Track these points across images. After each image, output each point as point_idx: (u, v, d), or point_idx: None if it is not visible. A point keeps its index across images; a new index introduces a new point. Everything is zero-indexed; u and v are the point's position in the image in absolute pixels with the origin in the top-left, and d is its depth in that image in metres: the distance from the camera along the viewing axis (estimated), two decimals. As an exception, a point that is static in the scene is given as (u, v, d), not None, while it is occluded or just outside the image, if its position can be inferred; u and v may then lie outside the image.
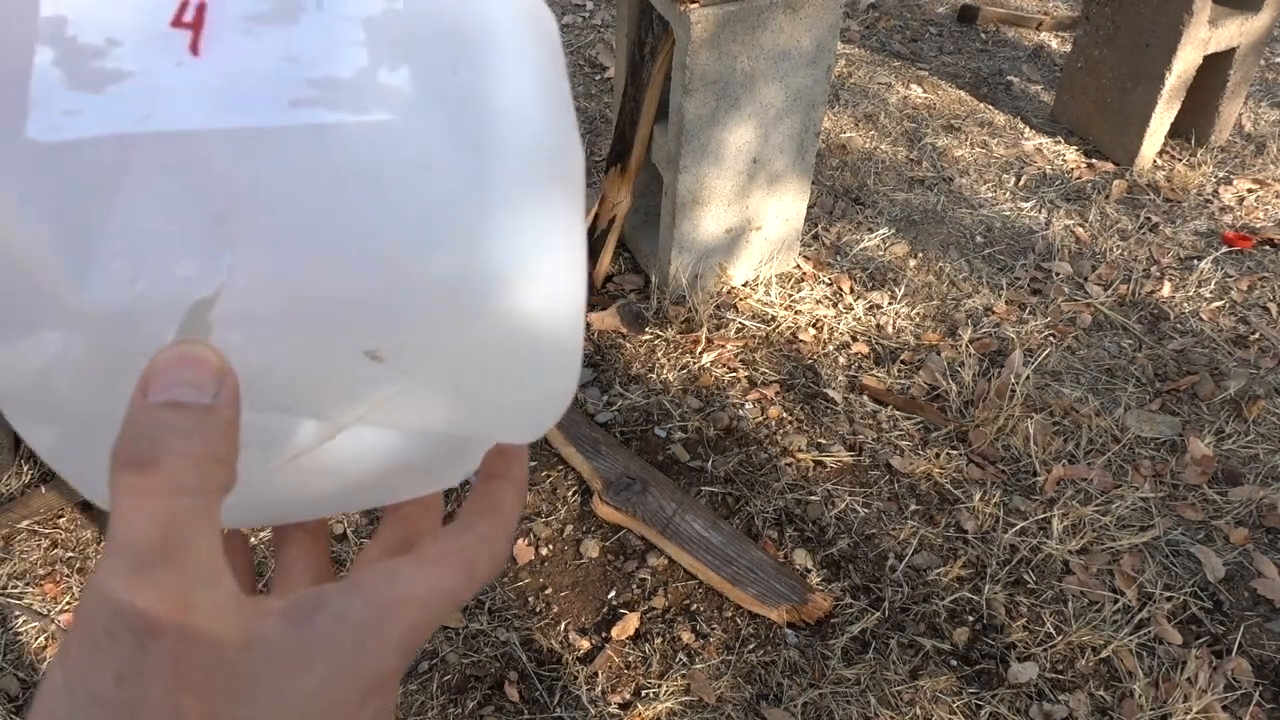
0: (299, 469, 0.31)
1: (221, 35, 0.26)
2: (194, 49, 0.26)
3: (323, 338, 0.28)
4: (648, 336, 2.37)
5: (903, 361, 2.35)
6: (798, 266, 2.61)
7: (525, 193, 0.29)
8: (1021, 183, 3.02)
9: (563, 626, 1.79)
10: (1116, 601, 1.86)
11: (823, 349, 2.38)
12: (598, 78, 3.43)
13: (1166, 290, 2.62)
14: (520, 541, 1.92)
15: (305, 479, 0.32)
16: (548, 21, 0.32)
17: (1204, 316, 2.54)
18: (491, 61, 0.29)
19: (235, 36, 0.27)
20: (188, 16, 0.26)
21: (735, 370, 2.31)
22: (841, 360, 2.35)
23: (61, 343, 0.27)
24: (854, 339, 2.41)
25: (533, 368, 0.32)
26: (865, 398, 2.25)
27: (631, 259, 2.58)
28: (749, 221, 2.41)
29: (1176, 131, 3.13)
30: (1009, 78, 3.59)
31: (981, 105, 3.41)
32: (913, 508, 2.02)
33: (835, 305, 2.51)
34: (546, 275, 0.30)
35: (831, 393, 2.26)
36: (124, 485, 0.23)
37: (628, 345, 2.35)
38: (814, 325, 2.45)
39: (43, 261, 0.26)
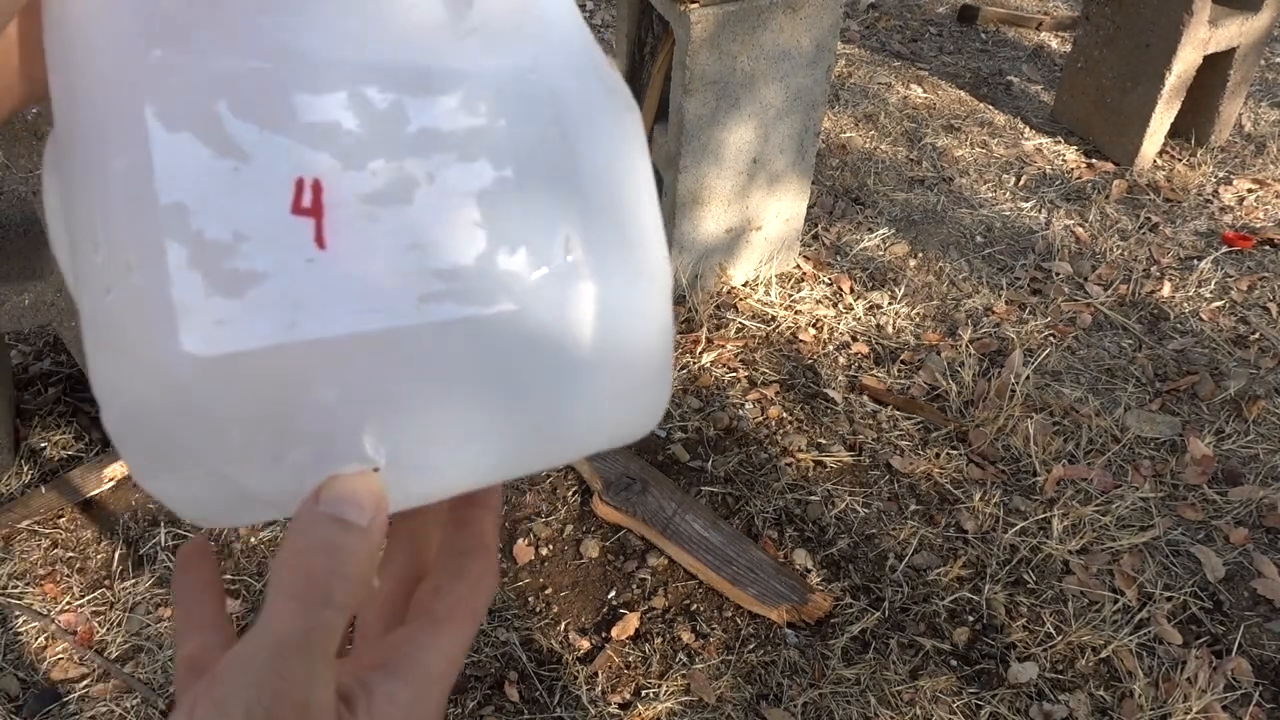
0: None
1: (343, 221, 0.27)
2: (319, 241, 0.27)
3: (458, 483, 0.32)
4: (648, 336, 2.37)
5: (903, 361, 2.35)
6: (798, 266, 2.61)
7: (629, 359, 0.33)
8: (1021, 183, 3.02)
9: (563, 626, 1.79)
10: (1116, 601, 1.86)
11: (823, 349, 2.38)
12: (598, 78, 3.42)
13: (1166, 290, 2.62)
14: (520, 541, 1.92)
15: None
16: (634, 114, 0.33)
17: (1204, 316, 2.54)
18: (595, 234, 0.31)
19: (356, 222, 0.27)
20: (306, 201, 0.27)
21: (735, 370, 2.31)
22: (841, 360, 2.35)
23: (229, 484, 0.30)
24: (854, 339, 2.41)
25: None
26: (865, 398, 2.25)
27: (631, 259, 2.58)
28: (749, 221, 2.41)
29: (1176, 131, 3.13)
30: (1009, 78, 3.59)
31: (981, 105, 3.41)
32: (913, 508, 2.02)
33: (835, 305, 2.51)
34: (643, 406, 0.35)
35: (831, 393, 2.26)
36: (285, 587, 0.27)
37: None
38: (814, 325, 2.45)
39: (214, 453, 0.28)
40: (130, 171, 0.26)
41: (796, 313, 2.47)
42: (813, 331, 2.43)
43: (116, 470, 1.96)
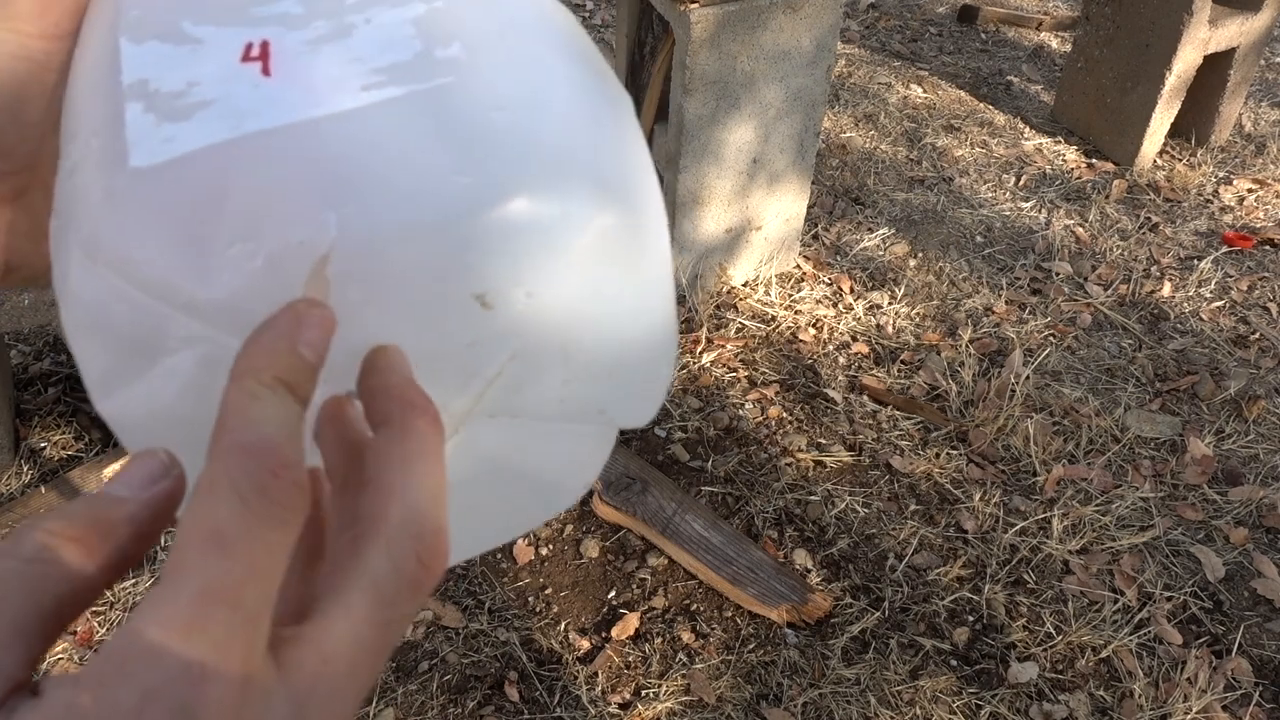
0: None
1: (287, 58, 0.29)
2: (265, 72, 0.29)
3: (431, 279, 0.29)
4: (648, 336, 2.37)
5: (903, 361, 2.35)
6: (798, 266, 2.61)
7: (592, 120, 0.31)
8: (1021, 183, 3.02)
9: (563, 626, 1.79)
10: (1116, 601, 1.86)
11: (823, 349, 2.38)
12: (598, 78, 3.43)
13: (1166, 290, 2.62)
14: (520, 541, 1.92)
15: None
16: (566, 12, 0.35)
17: (1204, 316, 2.54)
18: (529, 33, 0.32)
19: (300, 57, 0.29)
20: (254, 52, 0.29)
21: (735, 370, 2.31)
22: (841, 360, 2.35)
23: (192, 359, 0.28)
24: (854, 339, 2.41)
25: (631, 319, 0.33)
26: (865, 398, 2.25)
27: (631, 259, 2.58)
28: (749, 221, 2.41)
29: (1176, 131, 3.13)
30: (1009, 78, 3.59)
31: (981, 105, 3.41)
32: (913, 508, 2.02)
33: (835, 305, 2.51)
34: (626, 199, 0.31)
35: (831, 393, 2.26)
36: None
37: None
38: (814, 325, 2.45)
39: (167, 274, 0.27)
40: (103, 81, 0.28)
41: (796, 313, 2.47)
42: (813, 331, 2.43)
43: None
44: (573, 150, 0.30)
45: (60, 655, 1.70)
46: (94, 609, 1.78)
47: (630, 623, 1.78)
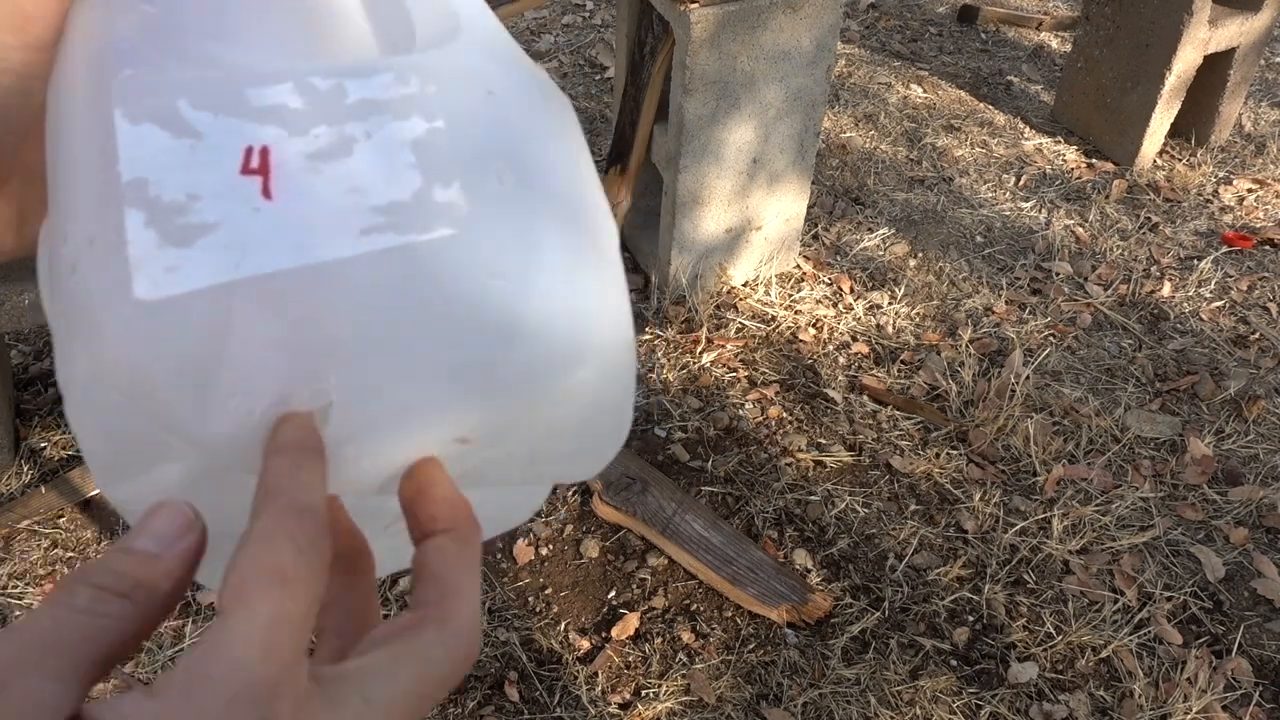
0: (391, 533, 0.35)
1: (288, 176, 0.29)
2: (266, 193, 0.29)
3: (420, 435, 0.31)
4: (647, 336, 2.37)
5: (903, 361, 2.35)
6: (798, 266, 2.61)
7: (578, 277, 0.33)
8: (1021, 183, 3.02)
9: (563, 626, 1.79)
10: (1116, 601, 1.86)
11: (823, 349, 2.38)
12: (598, 78, 3.43)
13: (1166, 290, 2.62)
14: (520, 541, 1.92)
15: (396, 540, 0.35)
16: (567, 110, 0.36)
17: (1204, 316, 2.54)
18: (528, 163, 0.32)
19: (300, 175, 0.29)
20: (254, 163, 0.29)
21: (735, 370, 2.31)
22: (841, 360, 2.35)
23: (188, 468, 0.30)
24: (854, 339, 2.41)
25: (596, 422, 0.36)
26: (865, 398, 2.25)
27: (631, 259, 2.59)
28: (749, 221, 2.41)
29: (1176, 131, 3.13)
30: (1009, 78, 3.59)
31: (981, 105, 3.41)
32: (913, 508, 2.02)
33: (835, 305, 2.51)
34: (603, 341, 0.34)
35: (831, 393, 2.26)
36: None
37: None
38: (814, 325, 2.45)
39: (169, 409, 0.29)
40: (97, 162, 0.29)
41: (796, 313, 2.47)
42: (813, 331, 2.43)
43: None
44: (560, 314, 0.32)
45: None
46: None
47: (630, 623, 1.78)
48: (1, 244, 0.34)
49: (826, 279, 2.59)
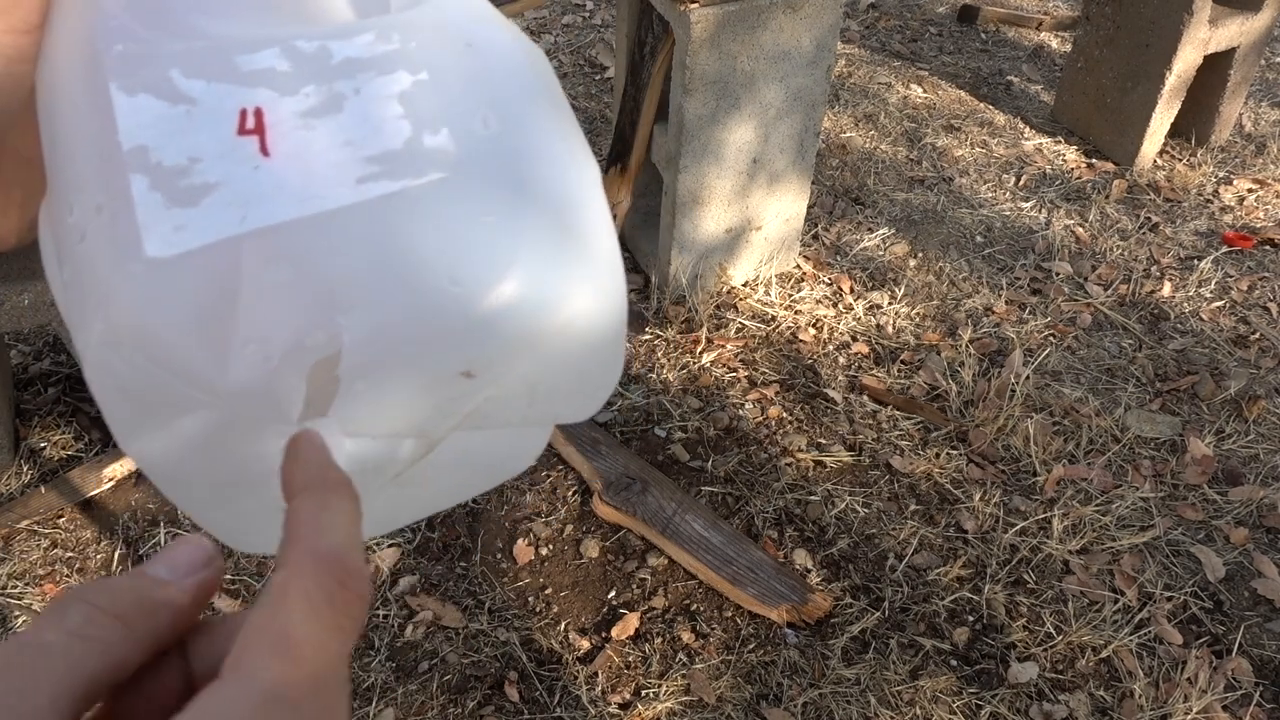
0: (399, 482, 0.37)
1: (283, 134, 0.31)
2: (264, 151, 0.30)
3: (426, 370, 0.33)
4: (647, 336, 2.37)
5: (903, 361, 2.35)
6: (798, 266, 2.61)
7: (565, 211, 0.34)
8: (1021, 183, 3.02)
9: (563, 626, 1.79)
10: (1116, 601, 1.86)
11: (823, 349, 2.38)
12: (598, 78, 3.43)
13: (1166, 290, 2.62)
14: (520, 541, 1.92)
15: (403, 491, 0.37)
16: (542, 60, 0.37)
17: (1204, 316, 2.54)
18: (509, 107, 0.34)
19: (295, 133, 0.31)
20: (250, 124, 0.30)
21: (735, 370, 2.31)
22: (841, 360, 2.35)
23: (207, 419, 0.31)
24: (854, 339, 2.41)
25: (591, 358, 0.37)
26: (865, 398, 2.25)
27: (631, 259, 2.58)
28: (749, 221, 2.41)
29: (1176, 131, 3.13)
30: (1009, 78, 3.59)
31: (981, 105, 3.41)
32: (913, 508, 2.02)
33: (835, 305, 2.51)
34: (594, 273, 0.35)
35: (831, 393, 2.26)
36: None
37: (627, 345, 2.35)
38: (814, 325, 2.45)
39: (186, 361, 0.30)
40: (97, 134, 0.30)
41: (796, 313, 2.47)
42: (813, 331, 2.43)
43: (116, 470, 1.96)
44: (550, 246, 0.34)
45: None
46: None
47: (630, 623, 1.78)
48: (3, 234, 0.34)
49: (826, 279, 2.59)
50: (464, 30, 0.35)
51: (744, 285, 2.53)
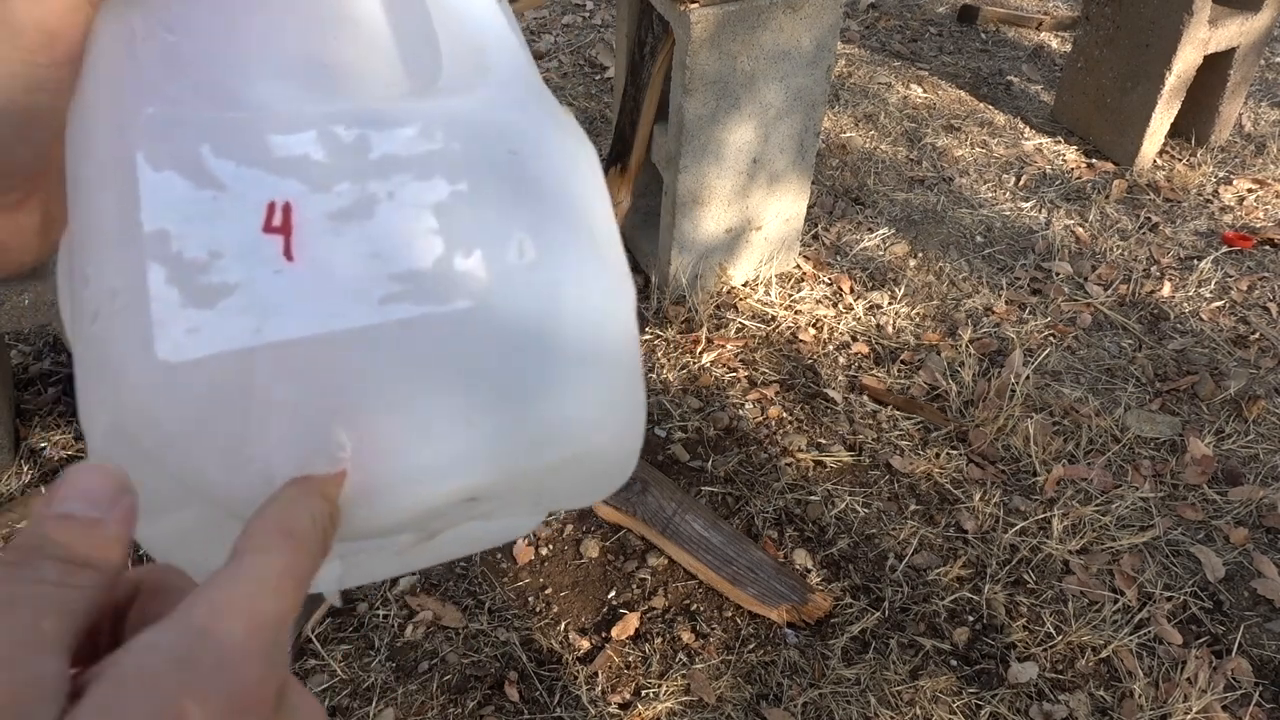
0: (397, 556, 0.37)
1: (309, 236, 0.29)
2: (288, 254, 0.29)
3: (430, 501, 0.31)
4: (647, 336, 2.37)
5: (903, 361, 2.35)
6: (798, 266, 2.61)
7: (596, 349, 0.33)
8: (1021, 183, 3.02)
9: (563, 626, 1.79)
10: (1116, 601, 1.86)
11: (823, 349, 2.38)
12: (598, 78, 3.43)
13: (1166, 290, 2.62)
14: (520, 541, 1.92)
15: (402, 557, 0.37)
16: (587, 159, 0.35)
17: (1204, 316, 2.54)
18: (548, 236, 0.32)
19: (322, 237, 0.29)
20: (276, 220, 0.29)
21: (735, 370, 2.31)
22: (841, 360, 2.35)
23: (200, 516, 0.31)
24: (854, 339, 2.41)
25: (604, 467, 0.37)
26: (865, 398, 2.25)
27: (631, 259, 2.59)
28: (749, 221, 2.41)
29: (1176, 131, 3.13)
30: (1009, 78, 3.59)
31: (981, 105, 3.41)
32: (913, 508, 2.02)
33: (835, 305, 2.51)
34: (619, 408, 0.35)
35: (831, 393, 2.26)
36: None
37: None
38: (814, 325, 2.45)
39: (189, 466, 0.29)
40: (119, 206, 0.29)
41: (796, 313, 2.47)
42: (813, 331, 2.43)
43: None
44: (577, 388, 0.32)
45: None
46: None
47: (630, 623, 1.78)
48: (26, 251, 0.34)
49: (826, 279, 2.59)
50: (512, 130, 0.33)
51: (744, 285, 2.53)
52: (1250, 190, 3.02)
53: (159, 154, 0.29)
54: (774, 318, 2.45)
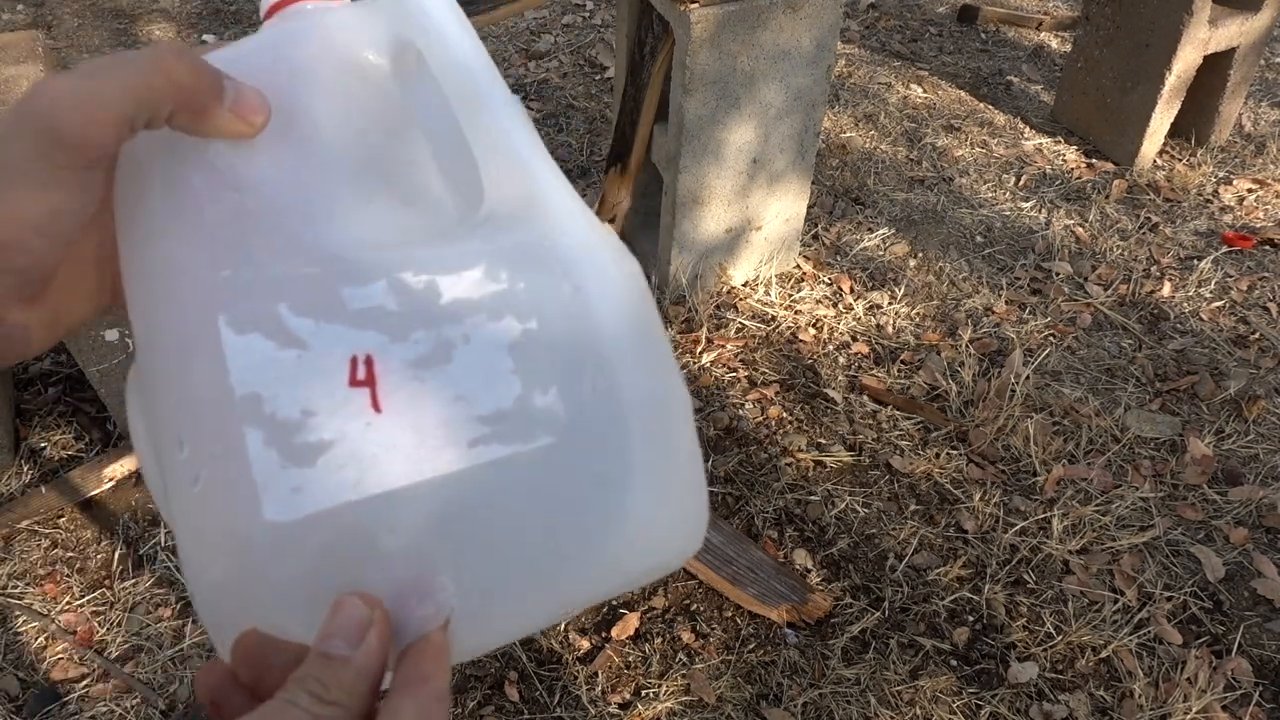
0: None
1: (394, 386, 0.31)
2: (376, 406, 0.30)
3: (523, 625, 0.34)
4: (648, 336, 2.37)
5: (903, 361, 2.35)
6: (798, 266, 2.61)
7: (663, 470, 0.35)
8: (1021, 183, 3.02)
9: (563, 626, 1.79)
10: (1116, 601, 1.86)
11: (823, 349, 2.38)
12: (598, 78, 3.43)
13: (1166, 290, 2.62)
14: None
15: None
16: (638, 285, 0.37)
17: (1204, 316, 2.54)
18: (615, 368, 0.34)
19: (406, 385, 0.31)
20: (360, 374, 0.31)
21: (735, 370, 2.31)
22: (841, 360, 2.35)
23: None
24: (854, 339, 2.41)
25: (670, 566, 0.39)
26: (865, 398, 2.25)
27: (631, 259, 2.58)
28: (749, 221, 2.41)
29: (1176, 131, 3.13)
30: (1009, 78, 3.59)
31: (981, 105, 3.41)
32: (913, 508, 2.02)
33: (835, 305, 2.51)
34: (686, 516, 0.37)
35: (831, 393, 2.26)
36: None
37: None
38: (814, 325, 2.45)
39: (296, 619, 0.31)
40: (208, 371, 0.30)
41: (796, 313, 2.47)
42: (813, 331, 2.43)
43: (116, 470, 1.96)
44: (650, 513, 0.35)
45: (60, 655, 1.71)
46: (94, 609, 1.78)
47: (630, 623, 1.78)
48: (31, 343, 0.35)
49: (826, 279, 2.59)
50: (568, 263, 0.34)
51: (744, 285, 2.53)
52: (1250, 190, 3.02)
53: (240, 316, 0.30)
54: (774, 318, 2.45)
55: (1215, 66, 2.97)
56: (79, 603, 1.79)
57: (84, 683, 1.67)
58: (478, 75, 0.36)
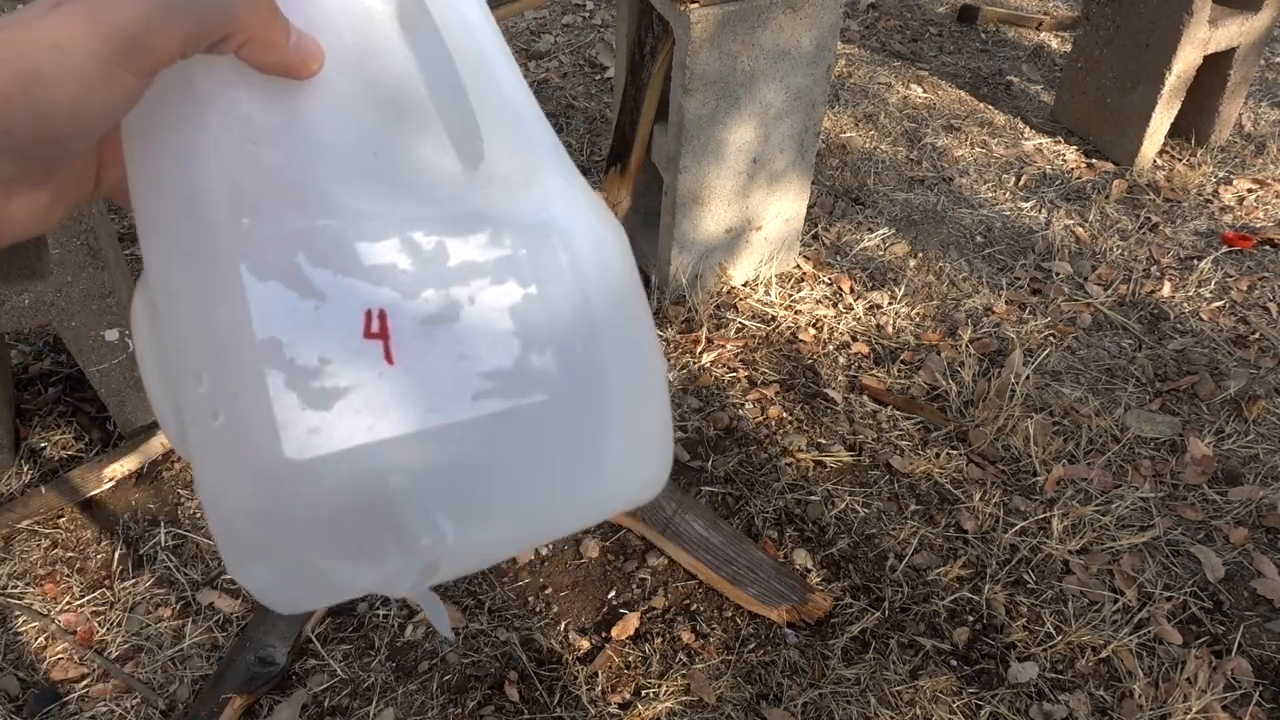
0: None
1: (404, 340, 0.34)
2: (388, 358, 0.33)
3: (513, 545, 0.39)
4: (648, 336, 2.37)
5: (903, 361, 2.35)
6: (798, 266, 2.61)
7: (637, 425, 0.39)
8: (1021, 183, 3.02)
9: (563, 626, 1.79)
10: (1116, 601, 1.86)
11: (823, 349, 2.38)
12: (598, 78, 3.43)
13: (1166, 290, 2.62)
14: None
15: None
16: (623, 251, 0.41)
17: (1204, 316, 2.54)
18: (603, 332, 0.38)
19: (416, 340, 0.34)
20: (374, 327, 0.33)
21: (735, 370, 2.31)
22: (841, 360, 2.35)
23: (313, 564, 0.35)
24: (854, 339, 2.41)
25: (643, 499, 0.43)
26: (865, 398, 2.25)
27: (631, 259, 2.58)
28: (749, 221, 2.41)
29: (1176, 131, 3.13)
30: (1009, 78, 3.59)
31: (981, 105, 3.41)
32: (913, 508, 2.02)
33: (835, 305, 2.51)
34: (661, 457, 0.42)
35: (831, 393, 2.26)
36: None
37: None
38: (814, 325, 2.45)
39: (312, 545, 0.34)
40: (230, 315, 0.32)
41: (796, 313, 2.47)
42: (813, 331, 2.43)
43: (116, 470, 1.96)
44: (626, 463, 0.39)
45: (60, 655, 1.71)
46: (94, 609, 1.78)
47: (630, 623, 1.78)
48: (32, 227, 0.37)
49: (826, 279, 2.59)
50: (566, 234, 0.38)
51: (744, 285, 2.53)
52: (1250, 190, 3.02)
53: (261, 265, 0.33)
54: (774, 318, 2.45)
55: (1215, 66, 2.97)
56: (79, 603, 1.79)
57: (84, 683, 1.67)
58: (481, 38, 0.38)
